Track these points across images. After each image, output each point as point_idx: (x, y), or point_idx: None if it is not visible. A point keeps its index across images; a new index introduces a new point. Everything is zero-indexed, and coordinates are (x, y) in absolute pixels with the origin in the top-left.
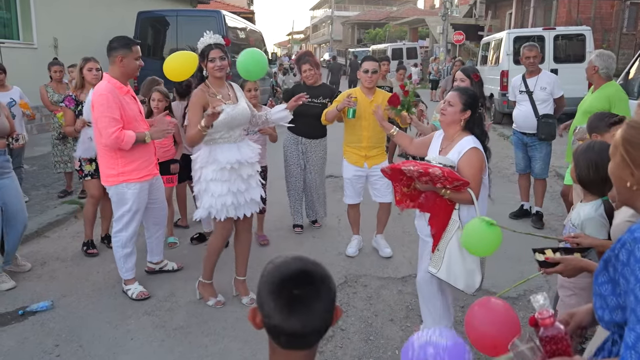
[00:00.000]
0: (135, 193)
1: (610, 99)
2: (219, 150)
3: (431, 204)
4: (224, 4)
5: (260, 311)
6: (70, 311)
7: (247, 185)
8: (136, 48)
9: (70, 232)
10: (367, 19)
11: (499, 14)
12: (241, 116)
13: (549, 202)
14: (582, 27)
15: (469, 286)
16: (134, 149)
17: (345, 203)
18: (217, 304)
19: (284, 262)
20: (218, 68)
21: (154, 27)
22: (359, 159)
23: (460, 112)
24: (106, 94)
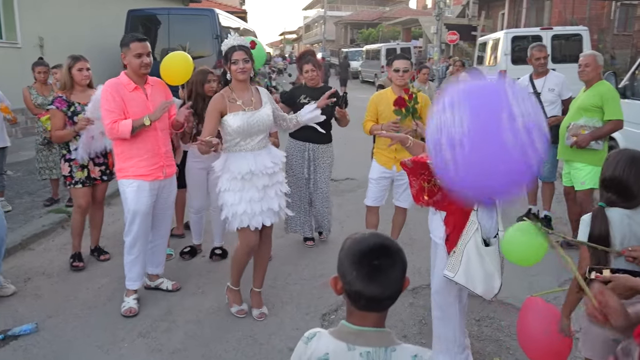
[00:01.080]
0: (133, 191)
1: (602, 96)
2: (233, 159)
3: (448, 202)
4: (216, 2)
5: (342, 279)
6: (57, 334)
7: (262, 194)
8: (136, 45)
9: (57, 243)
10: (360, 19)
11: (491, 14)
12: (260, 123)
13: (556, 205)
14: (579, 27)
15: (487, 291)
16: (133, 146)
17: (365, 204)
18: (238, 313)
19: (363, 237)
20: (241, 70)
21: (145, 26)
22: (389, 161)
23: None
24: (106, 89)
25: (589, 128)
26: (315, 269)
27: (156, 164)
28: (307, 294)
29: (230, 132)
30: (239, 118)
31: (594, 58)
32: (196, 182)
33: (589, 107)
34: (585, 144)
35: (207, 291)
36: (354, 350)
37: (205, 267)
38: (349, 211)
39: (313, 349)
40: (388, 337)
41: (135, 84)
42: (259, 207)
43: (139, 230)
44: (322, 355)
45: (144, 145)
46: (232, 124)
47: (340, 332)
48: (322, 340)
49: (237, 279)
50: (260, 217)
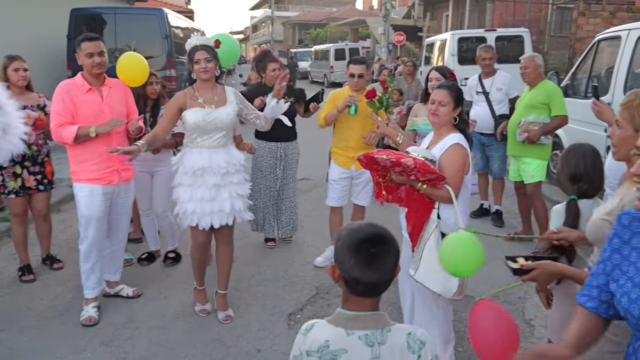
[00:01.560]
0: (85, 196)
1: (549, 93)
2: (188, 154)
3: (409, 199)
4: (161, 2)
5: (340, 267)
6: (13, 347)
7: (214, 194)
8: (87, 44)
9: (5, 253)
10: (307, 20)
11: (436, 15)
12: (218, 121)
13: (506, 200)
14: (521, 29)
15: (445, 290)
16: (86, 150)
17: (328, 205)
18: (201, 312)
19: (359, 227)
20: (203, 70)
21: (89, 26)
22: (347, 161)
23: (453, 110)
24: (57, 90)
25: (539, 124)
26: (278, 270)
27: (109, 168)
28: (271, 295)
29: (188, 128)
30: (196, 114)
31: (532, 59)
32: (140, 185)
33: (537, 105)
34: (537, 139)
35: (169, 296)
36: (352, 334)
37: (165, 272)
38: (307, 211)
39: (312, 338)
40: (382, 318)
41: (90, 85)
42: (209, 207)
43: (94, 236)
44: (322, 343)
45: (97, 148)
46: (189, 119)
47: (337, 319)
48: (320, 329)
49: (198, 278)
50: (210, 217)
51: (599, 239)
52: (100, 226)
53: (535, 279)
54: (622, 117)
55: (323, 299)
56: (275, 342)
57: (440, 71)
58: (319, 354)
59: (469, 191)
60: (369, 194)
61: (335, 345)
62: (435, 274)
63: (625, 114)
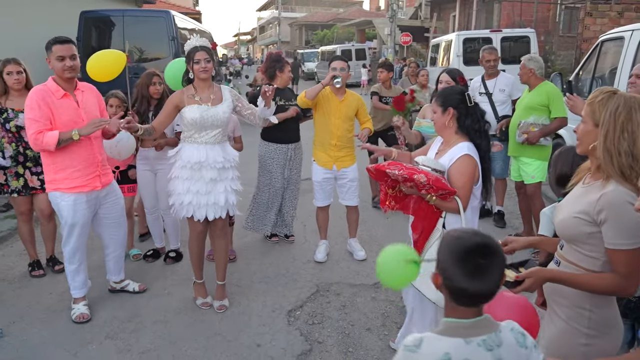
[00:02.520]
0: (68, 205)
1: (548, 95)
2: (185, 149)
3: (416, 208)
4: (169, 4)
5: (443, 276)
6: (23, 339)
7: (210, 187)
8: (58, 47)
9: (17, 249)
10: (314, 21)
11: (443, 15)
12: (215, 119)
13: (508, 201)
14: (527, 29)
15: (439, 299)
16: (65, 155)
17: (315, 206)
18: (202, 305)
19: (464, 235)
20: (203, 70)
21: (99, 28)
22: (329, 161)
23: (442, 115)
24: (31, 96)
25: (538, 125)
26: (280, 267)
27: (92, 174)
28: (272, 292)
29: (186, 124)
30: (193, 111)
31: (524, 64)
32: (144, 183)
33: (536, 106)
34: (536, 141)
35: (173, 292)
36: (471, 342)
37: (169, 269)
38: (310, 210)
39: (427, 353)
40: (491, 320)
41: (64, 91)
42: (204, 200)
43: (78, 241)
44: (442, 356)
45: (79, 154)
46: (187, 116)
47: (450, 329)
48: (434, 342)
49: (197, 270)
50: (205, 209)
51: (574, 236)
52: (84, 232)
53: (529, 289)
54: (585, 112)
55: (323, 297)
56: (274, 337)
57: (452, 74)
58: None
59: (478, 200)
60: (355, 193)
61: (457, 357)
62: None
63: (588, 109)
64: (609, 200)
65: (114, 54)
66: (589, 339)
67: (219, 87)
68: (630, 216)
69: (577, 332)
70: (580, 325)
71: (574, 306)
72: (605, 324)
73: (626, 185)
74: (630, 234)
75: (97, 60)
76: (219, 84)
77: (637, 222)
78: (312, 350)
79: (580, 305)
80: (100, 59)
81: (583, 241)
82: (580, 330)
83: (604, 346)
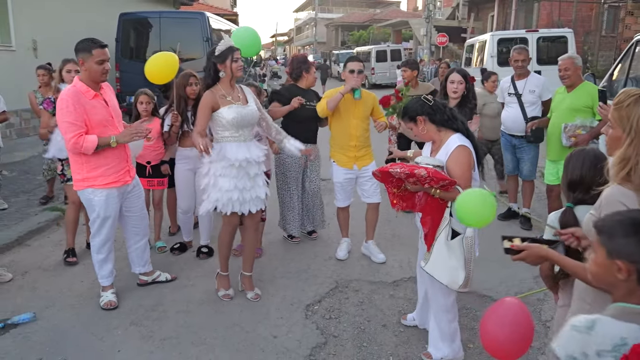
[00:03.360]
0: (101, 200)
1: (592, 96)
2: (229, 148)
3: (423, 204)
4: (207, 5)
5: (633, 263)
6: (54, 323)
7: (253, 183)
8: (98, 51)
9: (53, 240)
10: (350, 21)
11: (481, 16)
12: (250, 116)
13: (536, 203)
14: (564, 29)
15: (452, 282)
16: (99, 155)
17: (337, 206)
18: (224, 297)
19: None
20: (240, 68)
21: (137, 29)
22: (349, 161)
23: (416, 126)
24: (66, 99)
25: (586, 128)
26: (301, 264)
27: (123, 169)
28: (292, 287)
29: (225, 124)
30: (233, 110)
31: (572, 61)
32: (184, 183)
33: (581, 108)
34: (586, 144)
35: (196, 284)
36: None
37: (194, 262)
38: (333, 210)
39: (602, 335)
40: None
41: (94, 91)
42: (249, 195)
43: (108, 233)
44: (618, 341)
45: (111, 152)
46: (226, 116)
47: (626, 314)
48: (609, 326)
49: (224, 263)
50: (248, 204)
51: (588, 232)
52: (114, 224)
53: (523, 259)
54: (613, 118)
55: (341, 293)
56: (291, 329)
57: (462, 73)
58: (615, 352)
59: (478, 182)
60: (377, 190)
61: (633, 342)
62: (443, 266)
63: (615, 114)
64: (606, 197)
65: (169, 57)
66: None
67: (241, 87)
68: None
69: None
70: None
71: (579, 298)
72: None
73: (627, 185)
74: None
75: (155, 63)
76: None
77: None
78: (327, 344)
79: (584, 298)
80: (158, 62)
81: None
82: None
83: None
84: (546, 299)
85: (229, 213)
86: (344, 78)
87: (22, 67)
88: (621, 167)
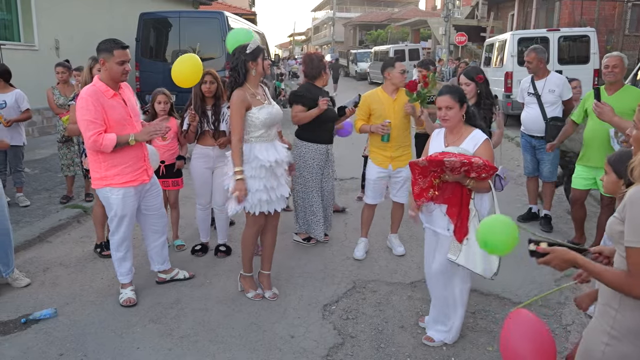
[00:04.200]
0: (118, 199)
1: (638, 99)
2: (259, 149)
3: (449, 196)
4: (226, 5)
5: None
6: (75, 319)
7: (278, 182)
8: (120, 52)
9: (74, 237)
10: (368, 20)
11: (501, 15)
12: (278, 116)
13: (557, 205)
14: (587, 28)
15: (486, 270)
16: (117, 153)
17: (365, 202)
18: (256, 297)
19: None
20: (268, 65)
21: (157, 29)
22: (385, 160)
23: (460, 110)
24: (85, 97)
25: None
26: (318, 263)
27: (140, 168)
28: (309, 287)
29: (257, 124)
30: (264, 111)
31: (622, 60)
32: (201, 181)
33: (628, 112)
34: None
35: (214, 282)
36: None
37: (212, 261)
38: (353, 209)
39: None
40: None
41: (113, 91)
42: (274, 194)
43: (126, 231)
44: None
45: (129, 151)
46: (259, 116)
47: None
48: None
49: (248, 265)
50: (275, 204)
51: (612, 236)
52: (132, 222)
53: (548, 263)
54: (638, 119)
55: (359, 293)
56: (308, 329)
57: (468, 75)
58: None
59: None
60: (407, 191)
61: None
62: (476, 257)
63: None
64: (630, 197)
65: (195, 60)
66: (611, 339)
67: (261, 85)
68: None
69: (602, 329)
70: (606, 323)
71: (605, 304)
72: (630, 329)
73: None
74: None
75: (182, 67)
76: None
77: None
78: (344, 344)
79: (610, 304)
80: (184, 66)
81: (617, 241)
82: (604, 329)
83: (624, 351)
84: (567, 302)
85: (257, 213)
86: (388, 77)
87: (45, 67)
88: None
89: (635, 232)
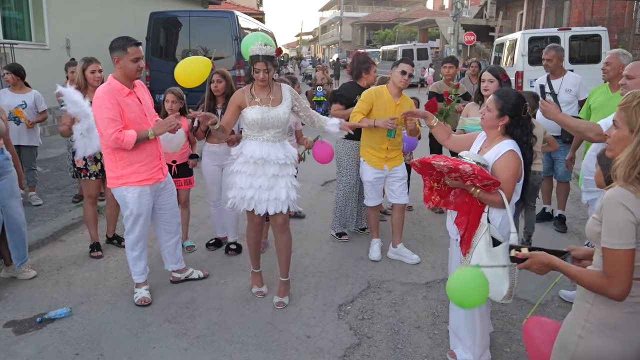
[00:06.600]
0: (134, 197)
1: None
2: (247, 145)
3: (459, 202)
4: (234, 4)
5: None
6: (89, 318)
7: (272, 183)
8: (133, 49)
9: (86, 236)
10: (376, 20)
11: (510, 14)
12: (275, 120)
13: (571, 205)
14: (598, 27)
15: (495, 293)
16: (133, 152)
17: (367, 205)
18: (257, 293)
19: None
20: (261, 79)
21: (167, 28)
22: (379, 162)
23: (496, 118)
24: (102, 96)
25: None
26: (333, 263)
27: (156, 166)
28: (324, 286)
29: (247, 124)
30: (255, 111)
31: (616, 56)
32: (212, 178)
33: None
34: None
35: (227, 281)
36: None
37: (225, 259)
38: None
39: None
40: None
41: (128, 89)
42: (266, 195)
43: (142, 230)
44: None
45: (144, 149)
46: (248, 116)
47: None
48: None
49: (254, 260)
50: (266, 204)
51: (591, 237)
52: (147, 221)
53: (528, 267)
54: (619, 118)
55: (374, 293)
56: (324, 329)
57: (494, 72)
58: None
59: (518, 197)
60: (405, 191)
61: None
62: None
63: (622, 114)
64: (607, 198)
65: (200, 61)
66: (584, 332)
67: (279, 86)
68: (620, 216)
69: (577, 322)
70: (580, 316)
71: (581, 298)
72: (604, 323)
73: (630, 187)
74: (618, 234)
75: (185, 67)
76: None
77: (626, 224)
78: (361, 345)
79: (585, 298)
80: (188, 67)
81: (596, 241)
82: (579, 322)
83: (597, 344)
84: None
85: (242, 210)
86: (390, 76)
87: (56, 66)
88: (631, 165)
89: (610, 234)
